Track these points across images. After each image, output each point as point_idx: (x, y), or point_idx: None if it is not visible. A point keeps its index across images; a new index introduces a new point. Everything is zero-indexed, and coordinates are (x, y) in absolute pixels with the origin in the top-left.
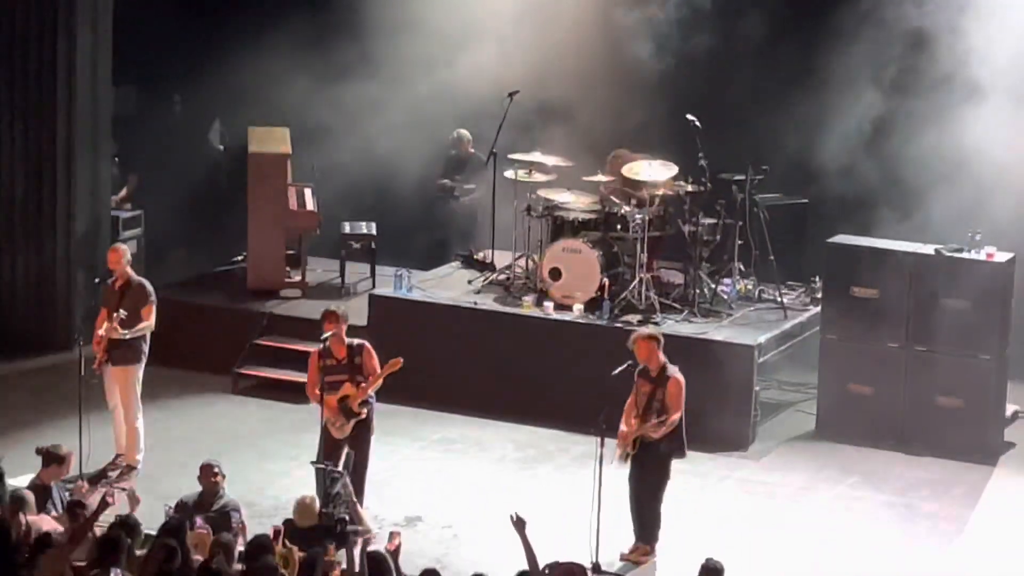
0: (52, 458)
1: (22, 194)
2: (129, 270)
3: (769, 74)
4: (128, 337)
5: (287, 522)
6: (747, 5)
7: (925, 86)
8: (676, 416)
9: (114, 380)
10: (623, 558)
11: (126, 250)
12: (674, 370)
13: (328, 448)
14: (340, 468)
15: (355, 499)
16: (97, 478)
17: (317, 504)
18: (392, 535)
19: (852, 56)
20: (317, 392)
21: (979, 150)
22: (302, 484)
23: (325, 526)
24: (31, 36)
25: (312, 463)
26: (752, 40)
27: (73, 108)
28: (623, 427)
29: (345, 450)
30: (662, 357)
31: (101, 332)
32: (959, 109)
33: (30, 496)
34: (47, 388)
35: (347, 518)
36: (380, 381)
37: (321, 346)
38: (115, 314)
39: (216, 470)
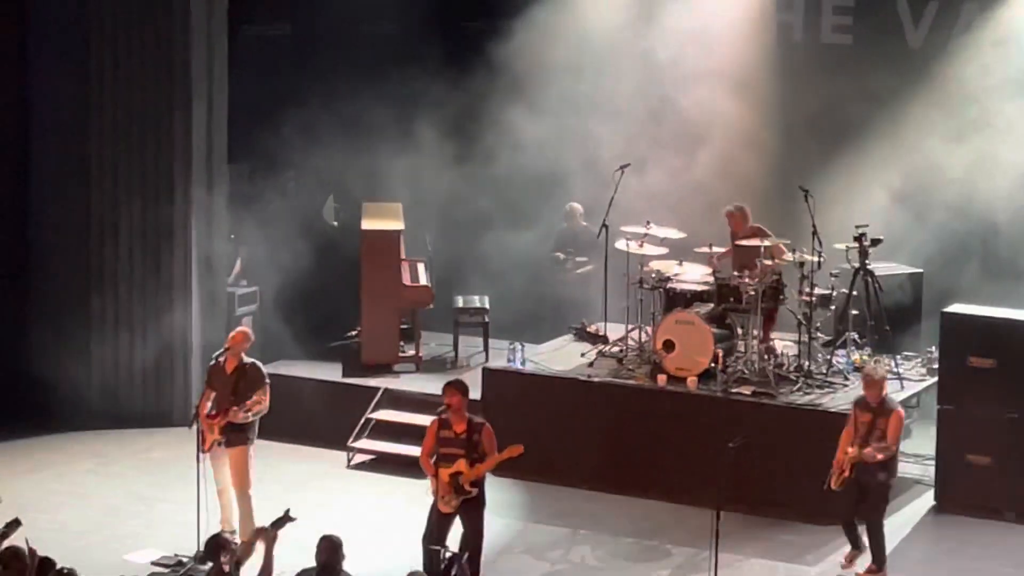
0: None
1: (140, 269)
2: (243, 352)
3: (881, 143)
4: (248, 420)
5: None
6: (855, 70)
7: None
8: (896, 446)
9: (227, 461)
10: None
11: (249, 332)
12: (895, 403)
13: (436, 522)
14: (454, 550)
15: None
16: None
17: None
18: None
19: (958, 122)
20: (430, 462)
21: None
22: (415, 560)
23: None
24: (148, 114)
25: (426, 545)
26: (861, 108)
27: (189, 185)
28: (840, 455)
29: (451, 525)
30: (885, 392)
31: (214, 419)
32: None
33: None
34: (164, 463)
35: None
36: (495, 464)
37: (440, 417)
38: (232, 398)
39: (335, 545)
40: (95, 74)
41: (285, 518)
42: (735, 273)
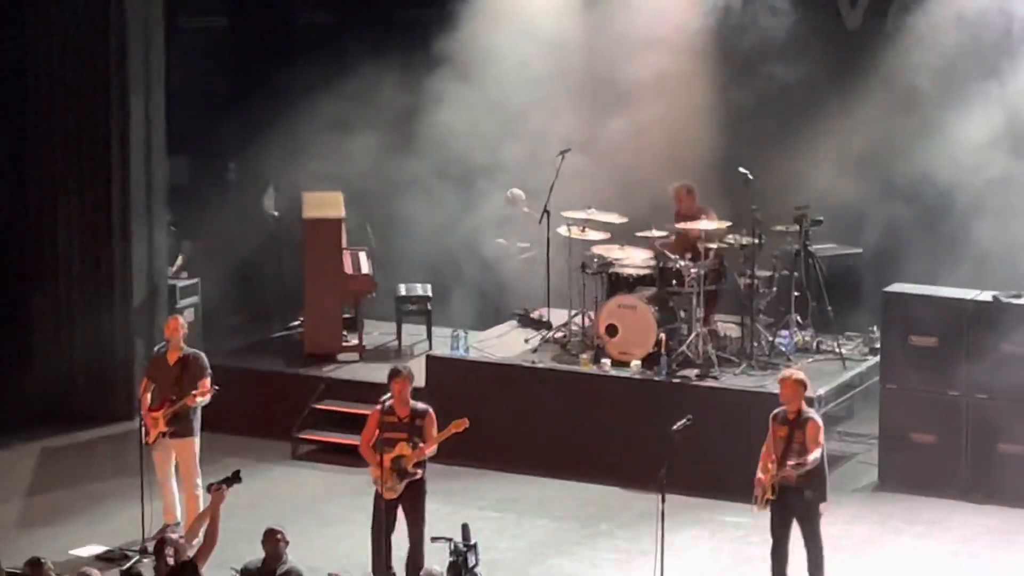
0: None
1: (79, 266)
2: (183, 342)
3: (822, 124)
4: (199, 405)
5: None
6: (792, 53)
7: (972, 134)
8: (814, 456)
9: (172, 452)
10: None
11: (184, 321)
12: (812, 412)
13: (382, 510)
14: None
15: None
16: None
17: None
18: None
19: (898, 103)
20: (371, 449)
21: None
22: (363, 548)
23: None
24: (85, 108)
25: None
26: (800, 90)
27: (128, 179)
28: (760, 474)
29: (398, 512)
30: (803, 402)
31: (157, 411)
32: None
33: None
34: (108, 458)
35: None
36: (439, 441)
37: (383, 405)
38: (175, 388)
39: (279, 535)
40: (30, 67)
41: (234, 478)
42: (675, 256)
